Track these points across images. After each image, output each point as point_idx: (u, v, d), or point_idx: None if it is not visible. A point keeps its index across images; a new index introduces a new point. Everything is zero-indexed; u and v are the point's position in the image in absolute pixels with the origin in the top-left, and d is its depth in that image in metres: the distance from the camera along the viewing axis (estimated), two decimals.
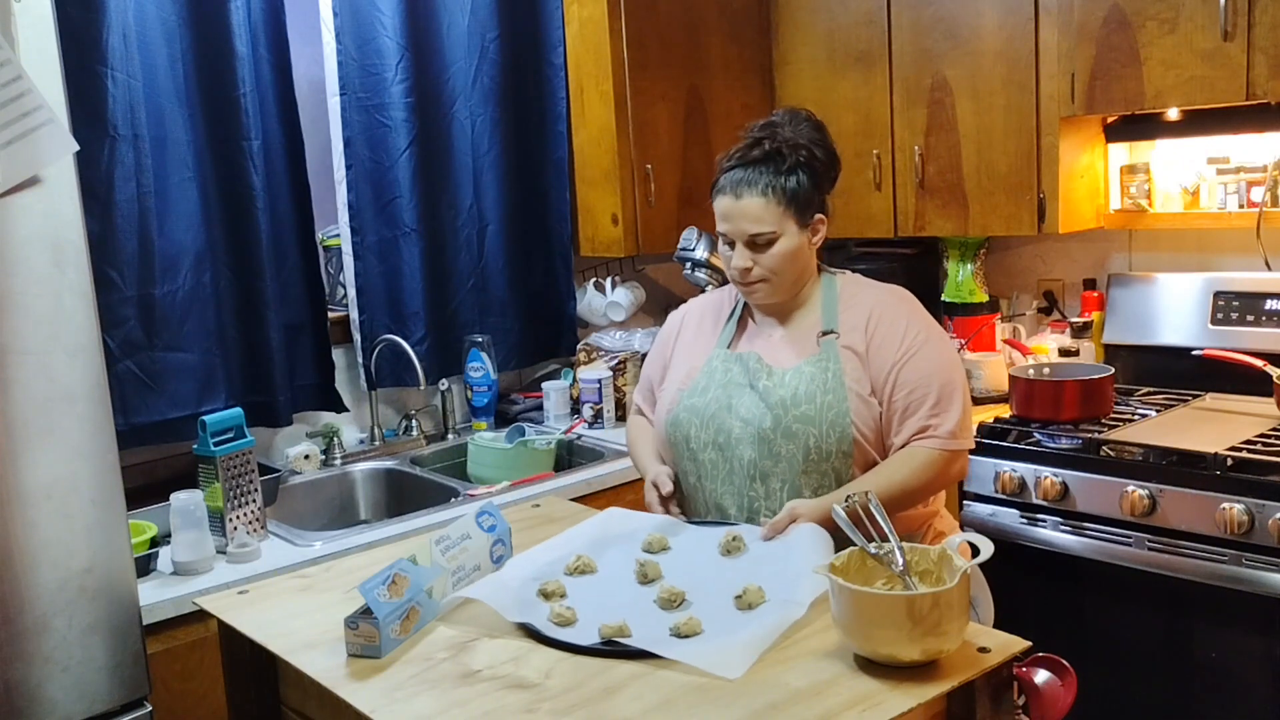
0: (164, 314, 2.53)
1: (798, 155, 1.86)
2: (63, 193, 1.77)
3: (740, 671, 1.38)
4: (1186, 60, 2.57)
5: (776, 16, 3.41)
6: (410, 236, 2.98)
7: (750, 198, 1.85)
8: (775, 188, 1.85)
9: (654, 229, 3.18)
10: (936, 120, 3.07)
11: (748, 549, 1.74)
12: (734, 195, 1.87)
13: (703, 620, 1.49)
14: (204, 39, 2.56)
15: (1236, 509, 2.25)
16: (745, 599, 1.55)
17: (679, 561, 1.72)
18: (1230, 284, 2.88)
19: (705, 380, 1.96)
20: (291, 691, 1.67)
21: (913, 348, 1.86)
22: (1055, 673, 1.64)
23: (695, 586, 1.61)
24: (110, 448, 1.85)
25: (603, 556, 1.75)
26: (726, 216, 1.89)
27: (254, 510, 2.33)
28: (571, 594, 1.63)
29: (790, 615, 1.50)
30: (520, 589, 1.64)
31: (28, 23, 1.72)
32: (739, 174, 1.87)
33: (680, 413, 1.94)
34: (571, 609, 1.55)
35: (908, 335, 1.87)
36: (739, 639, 1.44)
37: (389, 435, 3.06)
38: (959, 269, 3.32)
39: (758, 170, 1.86)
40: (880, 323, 1.89)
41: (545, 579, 1.66)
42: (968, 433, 1.87)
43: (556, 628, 1.52)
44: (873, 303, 1.93)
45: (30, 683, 1.77)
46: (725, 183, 1.89)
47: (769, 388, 1.88)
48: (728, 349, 1.98)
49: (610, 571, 1.71)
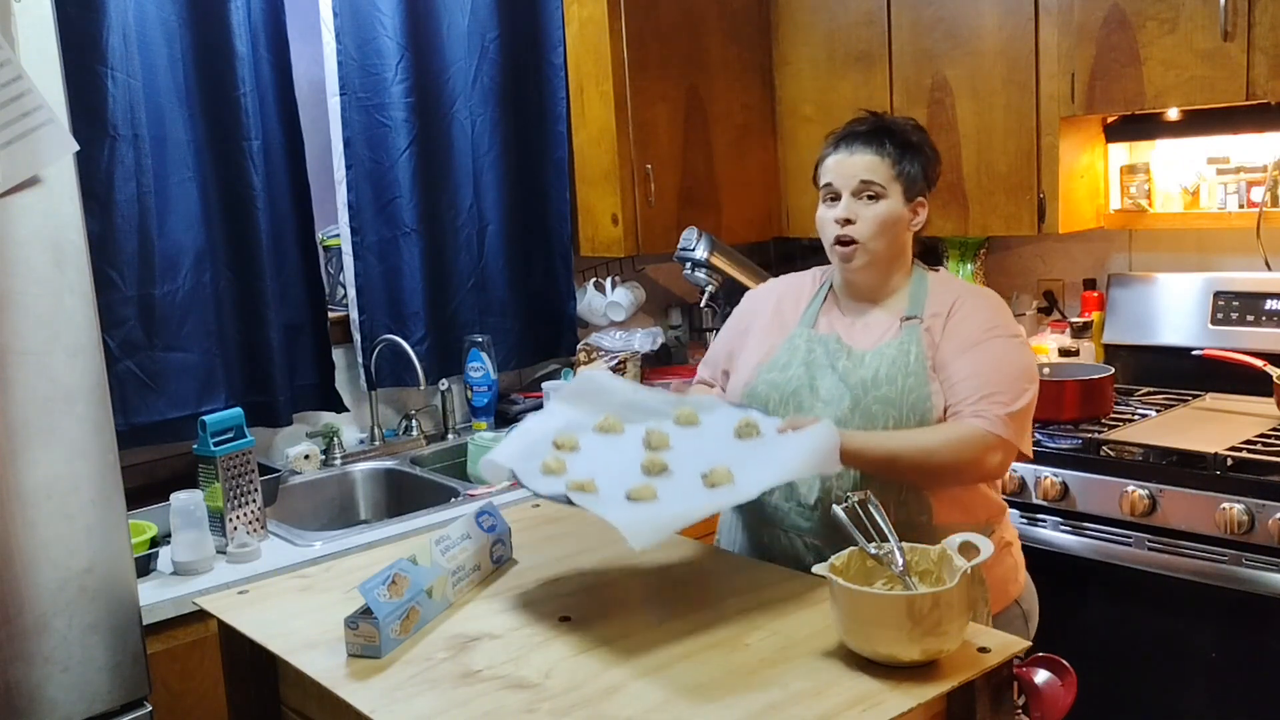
0: (164, 314, 2.53)
1: (908, 136, 1.90)
2: (63, 193, 1.77)
3: (643, 544, 1.40)
4: (1186, 60, 2.57)
5: (776, 16, 3.41)
6: (410, 236, 2.98)
7: (864, 154, 1.87)
8: (888, 152, 1.87)
9: (654, 229, 3.18)
10: (936, 120, 3.07)
11: (760, 435, 1.70)
12: (847, 150, 1.88)
13: (659, 490, 1.50)
14: (204, 39, 2.56)
15: (1236, 509, 2.25)
16: (711, 478, 1.55)
17: (691, 436, 1.71)
18: (1230, 284, 2.88)
19: (787, 357, 1.91)
20: (291, 691, 1.67)
21: (991, 337, 1.83)
22: (1055, 673, 1.64)
23: (684, 460, 1.60)
24: (110, 448, 1.85)
25: (632, 421, 1.75)
26: (835, 169, 1.88)
27: (254, 510, 2.33)
28: (584, 449, 1.67)
29: (721, 500, 1.51)
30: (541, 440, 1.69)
31: (28, 23, 1.72)
32: (851, 138, 1.89)
33: (759, 385, 1.89)
34: (561, 461, 1.60)
35: (990, 326, 1.85)
36: (666, 512, 1.45)
37: (389, 435, 3.06)
38: (959, 269, 3.32)
39: (870, 137, 1.88)
40: (963, 308, 1.87)
41: (569, 433, 1.70)
42: (1023, 431, 1.79)
43: (540, 476, 1.56)
44: (961, 291, 1.92)
45: (30, 683, 1.77)
46: (836, 142, 1.91)
47: (848, 368, 1.84)
48: (811, 329, 1.94)
49: (631, 436, 1.72)
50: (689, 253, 3.00)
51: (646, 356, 3.30)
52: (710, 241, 3.00)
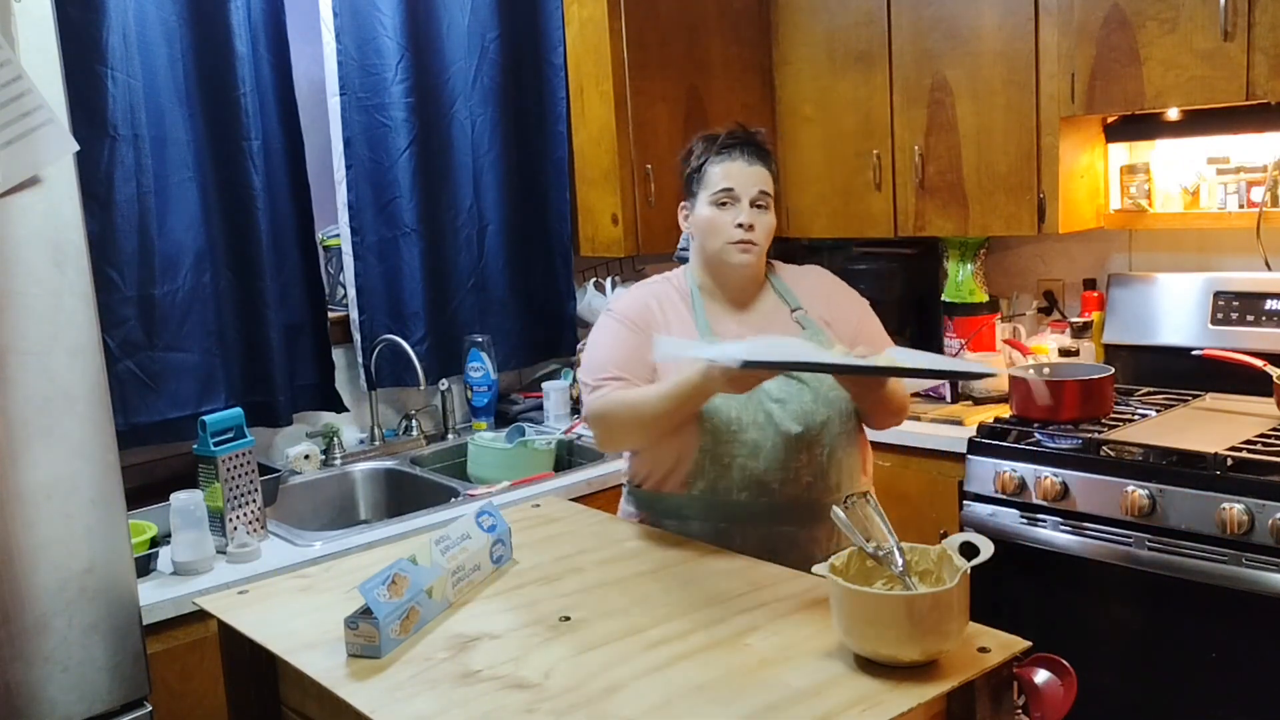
0: (164, 314, 2.53)
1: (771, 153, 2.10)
2: (63, 193, 1.77)
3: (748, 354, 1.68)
4: (1186, 60, 2.57)
5: (776, 16, 3.40)
6: (410, 236, 2.98)
7: (759, 166, 2.03)
8: (772, 168, 2.06)
9: (654, 229, 3.18)
10: (936, 120, 3.07)
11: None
12: (746, 160, 2.02)
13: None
14: (204, 39, 2.56)
15: (1236, 509, 2.25)
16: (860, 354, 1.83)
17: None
18: (1230, 284, 2.88)
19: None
20: (291, 691, 1.67)
21: (862, 309, 2.15)
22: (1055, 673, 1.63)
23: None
24: (110, 448, 1.85)
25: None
26: (734, 176, 2.01)
27: (254, 510, 2.33)
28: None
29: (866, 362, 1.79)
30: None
31: (28, 23, 1.72)
32: (745, 149, 2.03)
33: (716, 399, 1.93)
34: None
35: (855, 301, 2.16)
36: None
37: (389, 435, 3.06)
38: (959, 269, 3.32)
39: (760, 151, 2.05)
40: (832, 294, 2.14)
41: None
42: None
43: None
44: (815, 278, 2.17)
45: (30, 683, 1.77)
46: (731, 150, 2.03)
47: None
48: (714, 335, 2.02)
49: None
50: (689, 253, 2.99)
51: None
52: None
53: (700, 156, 2.05)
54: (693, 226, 2.07)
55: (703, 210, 2.03)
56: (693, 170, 2.05)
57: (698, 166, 2.04)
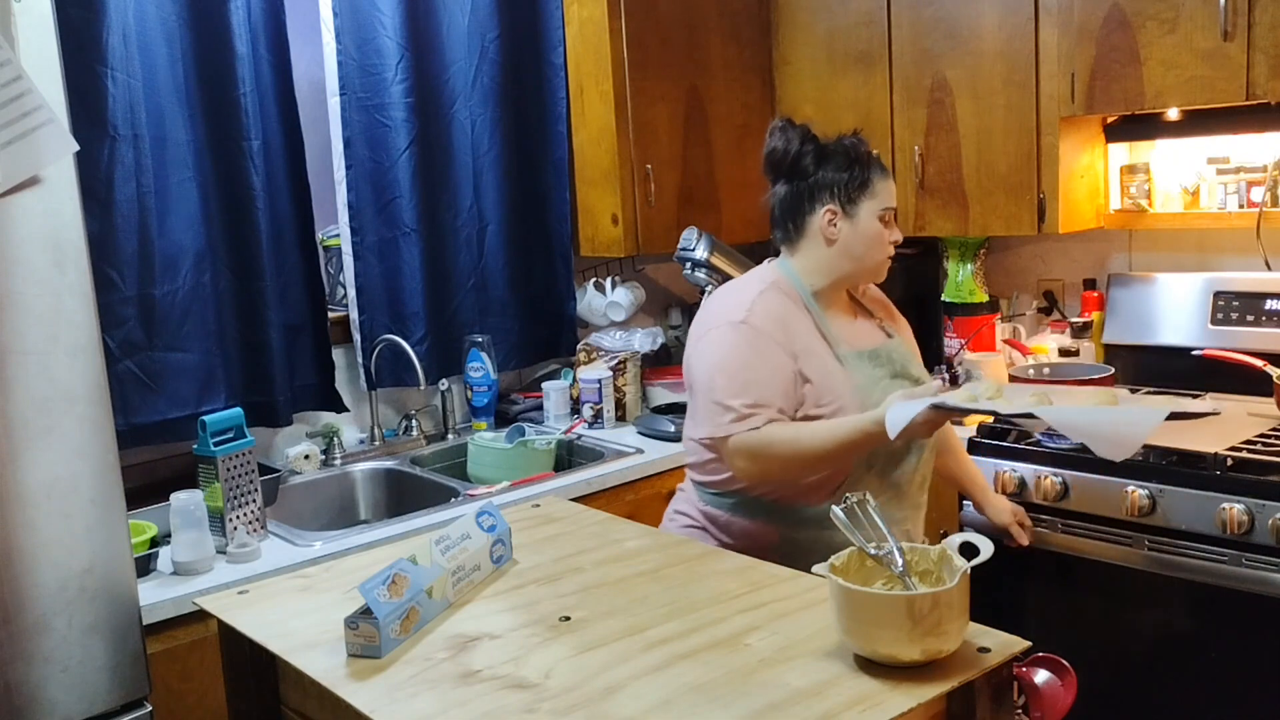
0: (164, 314, 2.53)
1: None
2: (63, 193, 1.77)
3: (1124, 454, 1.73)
4: (1186, 60, 2.57)
5: (776, 16, 3.41)
6: (410, 236, 2.98)
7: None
8: None
9: (654, 229, 3.18)
10: (936, 120, 3.08)
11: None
12: (890, 177, 2.12)
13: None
14: (204, 39, 2.56)
15: (1236, 509, 2.25)
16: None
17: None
18: (1230, 284, 2.88)
19: (865, 380, 2.03)
20: (291, 691, 1.67)
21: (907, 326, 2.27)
22: (1055, 673, 1.64)
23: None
24: (110, 448, 1.85)
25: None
26: (892, 195, 2.11)
27: (254, 510, 2.33)
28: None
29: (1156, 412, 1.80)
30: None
31: (28, 23, 1.72)
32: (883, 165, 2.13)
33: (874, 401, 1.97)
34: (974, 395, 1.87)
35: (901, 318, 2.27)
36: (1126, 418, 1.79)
37: (389, 435, 3.06)
38: (959, 269, 3.32)
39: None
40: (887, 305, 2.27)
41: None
42: None
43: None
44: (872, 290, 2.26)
45: (30, 683, 1.77)
46: (882, 167, 2.11)
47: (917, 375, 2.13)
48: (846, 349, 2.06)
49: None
50: (689, 253, 3.00)
51: (646, 356, 3.30)
52: (710, 241, 2.99)
53: (865, 169, 2.07)
54: (848, 235, 2.07)
55: (871, 223, 2.06)
56: (858, 181, 2.06)
57: (865, 179, 2.06)
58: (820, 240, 2.08)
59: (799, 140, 2.09)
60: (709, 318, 2.09)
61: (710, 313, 2.11)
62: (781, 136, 2.11)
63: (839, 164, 2.07)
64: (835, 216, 2.07)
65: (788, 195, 2.11)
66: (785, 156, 2.09)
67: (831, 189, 2.06)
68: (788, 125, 2.12)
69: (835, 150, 2.08)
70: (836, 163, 2.07)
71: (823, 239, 2.08)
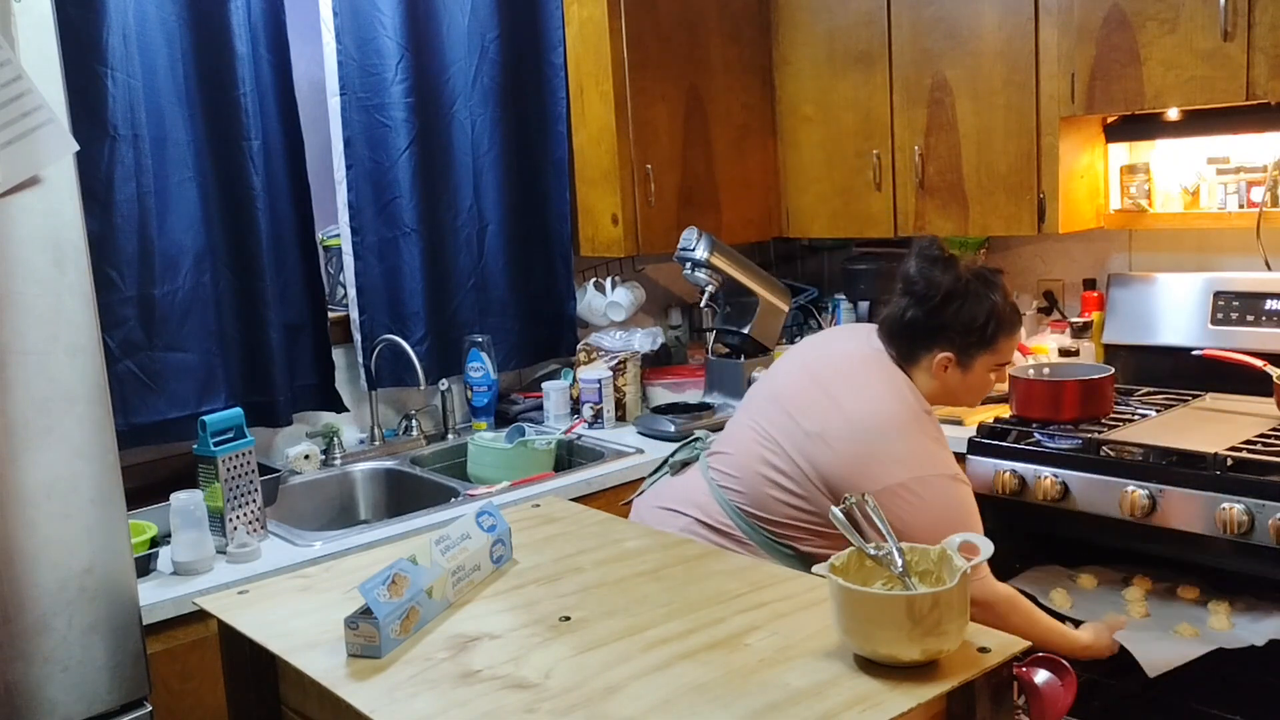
0: (164, 314, 2.53)
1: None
2: (63, 193, 1.77)
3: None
4: (1186, 60, 2.57)
5: (776, 16, 3.41)
6: (410, 236, 2.98)
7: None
8: None
9: (654, 229, 3.19)
10: (936, 120, 3.08)
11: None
12: (1018, 331, 2.12)
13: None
14: (204, 39, 2.56)
15: (1236, 509, 2.25)
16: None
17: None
18: (1230, 284, 2.88)
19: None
20: (291, 691, 1.67)
21: None
22: (1055, 673, 1.64)
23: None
24: (110, 448, 1.85)
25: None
26: (1012, 349, 2.13)
27: (254, 510, 2.33)
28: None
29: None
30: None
31: (28, 23, 1.72)
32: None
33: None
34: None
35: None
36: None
37: (389, 435, 3.06)
38: None
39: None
40: None
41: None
42: None
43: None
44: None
45: (30, 683, 1.77)
46: (1010, 322, 2.07)
47: None
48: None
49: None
50: (689, 253, 3.00)
51: (646, 357, 3.30)
52: (710, 241, 3.00)
53: (998, 328, 2.03)
54: (956, 382, 2.06)
55: (982, 375, 2.07)
56: (985, 338, 2.03)
57: (992, 337, 2.03)
58: (928, 374, 2.06)
59: (946, 278, 2.02)
60: (920, 456, 1.96)
61: (916, 448, 1.97)
62: (929, 269, 2.03)
63: (974, 314, 2.01)
64: (950, 364, 2.04)
65: (912, 322, 2.04)
66: (927, 291, 2.02)
67: (955, 339, 2.02)
68: (939, 258, 2.04)
69: (976, 298, 2.02)
70: (972, 311, 2.01)
71: (931, 375, 2.06)
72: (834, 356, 2.16)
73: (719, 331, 3.24)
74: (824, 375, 2.10)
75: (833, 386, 2.05)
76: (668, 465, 2.28)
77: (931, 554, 1.48)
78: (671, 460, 2.28)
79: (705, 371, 3.28)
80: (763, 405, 2.13)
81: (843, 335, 2.27)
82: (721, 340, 3.23)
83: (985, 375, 2.07)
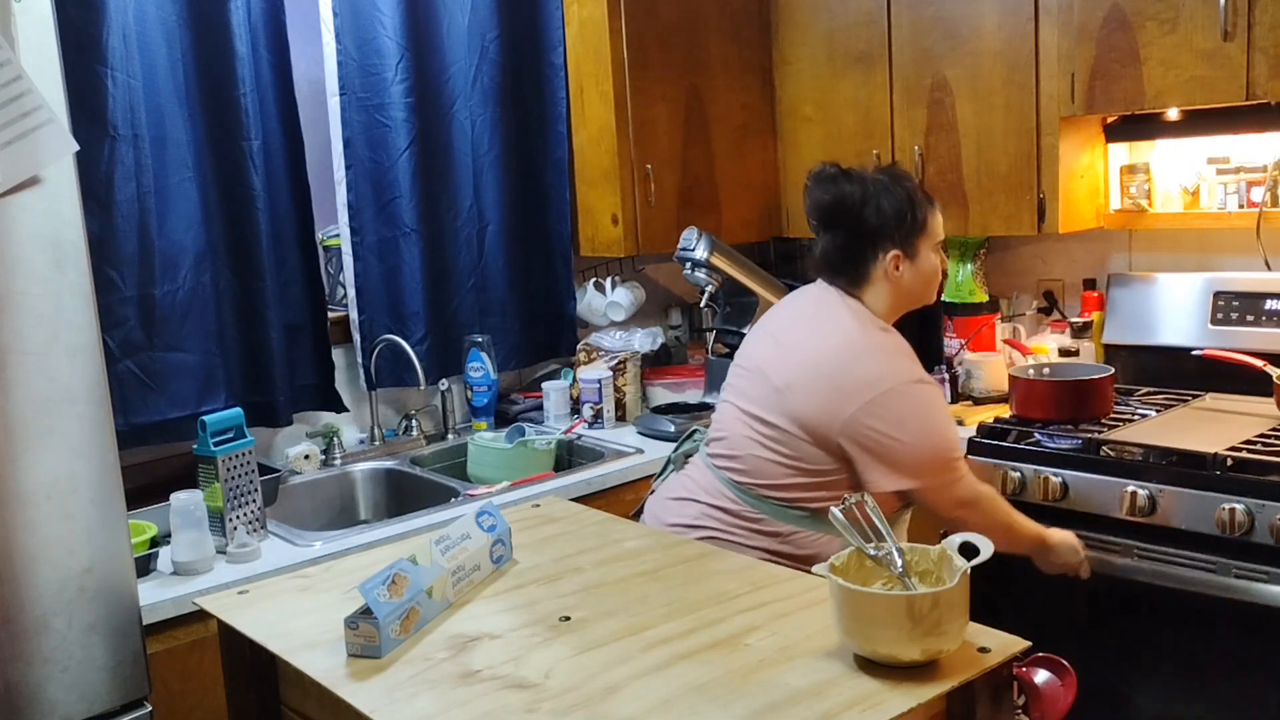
0: (164, 314, 2.53)
1: None
2: (63, 193, 1.77)
3: None
4: (1186, 60, 2.57)
5: (776, 16, 3.41)
6: (410, 236, 2.98)
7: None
8: None
9: (654, 229, 3.18)
10: (936, 120, 3.08)
11: None
12: (937, 208, 2.16)
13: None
14: (204, 39, 2.56)
15: (1237, 509, 2.25)
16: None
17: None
18: (1230, 284, 2.88)
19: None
20: (291, 691, 1.67)
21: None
22: (1055, 673, 1.64)
23: None
24: (110, 448, 1.85)
25: None
26: (941, 225, 2.16)
27: (254, 510, 2.33)
28: None
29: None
30: None
31: (28, 23, 1.72)
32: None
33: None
34: None
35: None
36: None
37: (389, 435, 3.06)
38: (959, 269, 3.32)
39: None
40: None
41: None
42: None
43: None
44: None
45: (30, 683, 1.77)
46: (927, 198, 2.13)
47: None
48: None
49: None
50: (689, 253, 3.00)
51: (646, 357, 3.30)
52: (710, 241, 2.99)
53: (921, 207, 2.09)
54: (911, 276, 2.10)
55: (932, 258, 2.12)
56: (918, 222, 2.08)
57: (922, 219, 2.09)
58: (884, 283, 2.09)
59: (854, 187, 2.07)
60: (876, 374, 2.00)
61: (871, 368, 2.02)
62: (833, 186, 2.09)
63: (897, 204, 2.07)
64: (900, 260, 2.08)
65: (846, 244, 2.10)
66: (841, 207, 2.07)
67: (893, 234, 2.07)
68: (838, 174, 2.10)
69: (889, 192, 2.07)
70: (894, 203, 2.07)
71: (886, 282, 2.09)
72: (787, 312, 2.24)
73: (719, 331, 3.23)
74: (780, 332, 2.18)
75: (789, 338, 2.14)
76: (672, 462, 2.34)
77: (931, 554, 1.48)
78: (674, 456, 2.34)
79: (705, 371, 3.28)
80: (738, 381, 2.20)
81: (795, 293, 2.31)
82: (721, 340, 3.23)
83: (931, 258, 2.12)
